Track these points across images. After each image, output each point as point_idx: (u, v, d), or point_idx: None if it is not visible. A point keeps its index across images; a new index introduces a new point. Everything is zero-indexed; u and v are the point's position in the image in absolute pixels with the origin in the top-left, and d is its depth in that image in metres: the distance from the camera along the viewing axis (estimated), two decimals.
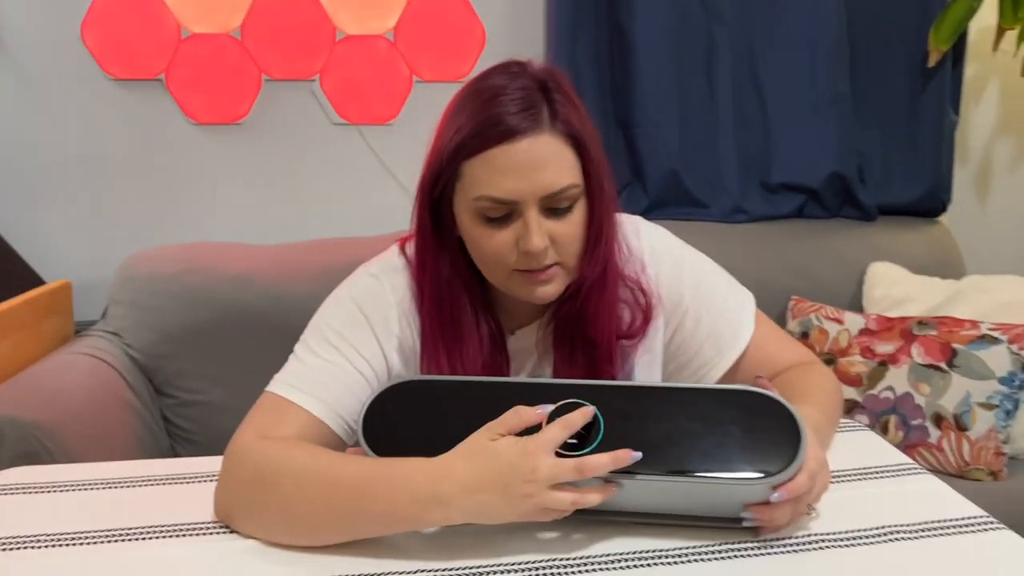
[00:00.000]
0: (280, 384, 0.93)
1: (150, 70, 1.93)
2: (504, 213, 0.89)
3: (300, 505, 0.80)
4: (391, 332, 0.98)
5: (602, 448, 0.77)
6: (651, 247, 1.03)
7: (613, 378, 0.99)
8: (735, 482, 0.76)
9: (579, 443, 0.78)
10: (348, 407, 0.93)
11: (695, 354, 1.04)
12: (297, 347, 0.97)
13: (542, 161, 0.87)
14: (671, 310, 1.03)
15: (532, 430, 0.77)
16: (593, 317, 0.97)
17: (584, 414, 0.78)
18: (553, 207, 0.90)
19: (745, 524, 0.80)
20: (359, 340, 0.96)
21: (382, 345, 0.97)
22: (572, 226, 0.91)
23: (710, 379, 1.03)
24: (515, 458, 0.75)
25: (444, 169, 0.91)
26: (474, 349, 0.97)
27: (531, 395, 0.81)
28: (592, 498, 0.75)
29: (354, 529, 0.80)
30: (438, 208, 0.94)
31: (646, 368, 1.04)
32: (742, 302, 1.06)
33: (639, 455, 0.75)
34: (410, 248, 1.00)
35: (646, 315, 1.01)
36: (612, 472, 0.75)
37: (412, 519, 0.78)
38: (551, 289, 0.93)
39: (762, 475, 0.76)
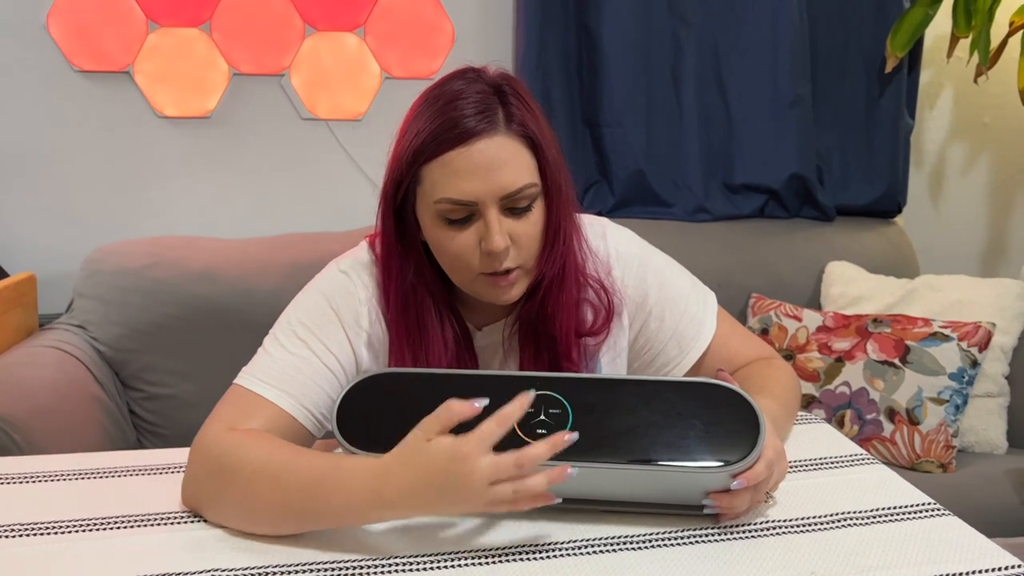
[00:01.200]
0: (247, 377, 0.94)
1: (117, 62, 1.92)
2: (465, 215, 0.91)
3: (256, 498, 0.82)
4: (361, 327, 0.99)
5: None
6: (616, 249, 1.06)
7: (576, 367, 1.01)
8: (696, 470, 0.79)
9: (547, 433, 0.80)
10: (315, 400, 0.94)
11: (659, 353, 1.07)
12: (266, 340, 0.98)
13: (499, 162, 0.90)
14: (635, 310, 1.06)
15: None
16: (553, 314, 0.99)
17: (521, 404, 0.76)
18: (512, 207, 0.92)
19: (707, 511, 0.83)
20: (328, 335, 0.97)
21: (351, 340, 0.98)
22: (531, 225, 0.94)
23: (693, 356, 1.07)
24: (449, 463, 0.74)
25: (404, 175, 0.93)
26: (439, 351, 0.99)
27: (500, 387, 0.83)
28: (536, 480, 0.74)
29: (307, 522, 0.81)
30: (401, 213, 0.96)
31: (610, 366, 1.07)
32: (705, 302, 1.09)
33: (575, 435, 0.76)
34: (378, 245, 1.01)
35: (608, 314, 1.03)
36: (580, 461, 0.78)
37: (361, 516, 0.79)
38: (515, 292, 0.96)
39: (722, 464, 0.79)
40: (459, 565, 0.78)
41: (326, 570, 0.77)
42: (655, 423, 0.82)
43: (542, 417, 0.83)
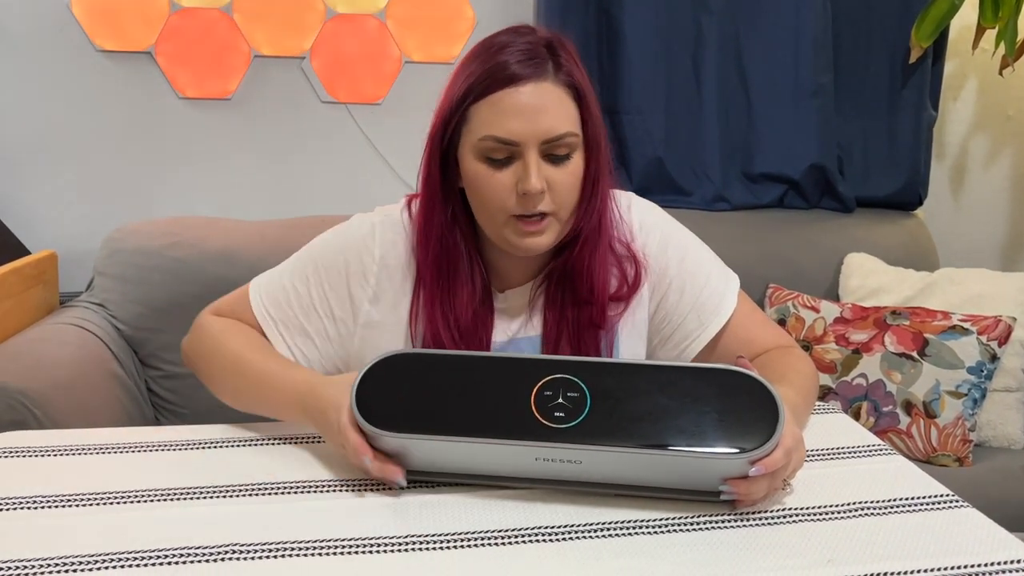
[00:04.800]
0: (256, 285, 1.09)
1: (139, 43, 1.93)
2: (506, 155, 0.94)
3: (222, 379, 1.02)
4: (367, 283, 1.04)
5: (588, 422, 0.80)
6: (640, 220, 1.08)
7: (598, 341, 1.03)
8: (713, 456, 0.79)
9: (565, 416, 0.80)
10: (291, 332, 1.06)
11: (678, 326, 1.08)
12: (291, 258, 1.10)
13: (543, 106, 0.93)
14: (656, 282, 1.08)
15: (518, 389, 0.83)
16: (587, 271, 1.01)
17: (390, 474, 0.84)
18: (552, 153, 0.95)
19: (723, 498, 0.83)
20: (331, 283, 1.05)
21: (352, 293, 1.04)
22: (569, 175, 0.96)
23: (692, 351, 1.07)
24: (334, 424, 0.87)
25: (453, 114, 0.96)
26: (467, 296, 1.02)
27: (518, 369, 0.85)
28: (370, 464, 0.83)
29: (253, 407, 0.99)
30: (446, 158, 0.99)
31: (629, 341, 1.07)
32: (727, 279, 1.10)
33: (403, 481, 0.85)
34: (415, 206, 1.04)
35: (635, 279, 1.05)
36: (602, 445, 0.79)
37: (285, 416, 0.96)
38: (543, 240, 0.98)
39: (739, 451, 0.79)
40: (475, 545, 0.78)
41: (349, 547, 0.78)
42: (673, 409, 0.82)
43: (560, 400, 0.83)
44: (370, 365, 0.88)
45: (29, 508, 0.84)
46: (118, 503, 0.85)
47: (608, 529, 0.81)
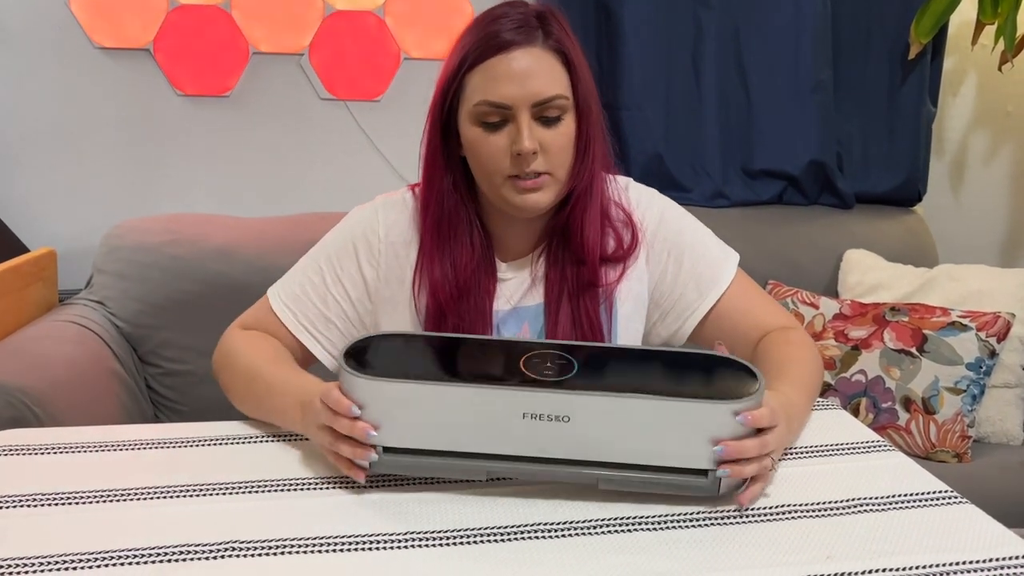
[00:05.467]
0: (273, 288, 1.13)
1: (138, 40, 1.92)
2: (499, 119, 0.99)
3: (237, 387, 1.04)
4: (376, 262, 1.10)
5: (576, 378, 0.82)
6: (637, 197, 1.14)
7: (598, 304, 1.08)
8: (700, 405, 0.80)
9: (553, 373, 0.82)
10: (312, 319, 1.10)
11: (679, 298, 1.12)
12: (301, 259, 1.14)
13: (533, 71, 0.98)
14: (654, 256, 1.12)
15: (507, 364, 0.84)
16: (580, 228, 1.06)
17: (358, 431, 0.82)
18: (543, 115, 1.00)
19: (719, 474, 0.81)
20: (343, 265, 1.10)
21: (363, 269, 1.10)
22: (560, 136, 1.01)
23: (691, 323, 1.12)
24: (308, 407, 0.89)
25: (451, 83, 1.01)
26: (467, 258, 1.07)
27: (506, 345, 0.89)
28: (344, 446, 0.83)
29: (263, 415, 1.00)
30: (446, 128, 1.04)
31: (627, 310, 1.11)
32: (726, 252, 1.15)
33: (373, 456, 0.81)
34: (423, 157, 1.09)
35: (632, 242, 1.10)
36: (588, 391, 0.80)
37: (293, 418, 0.94)
38: (541, 198, 1.02)
39: (726, 398, 0.80)
40: (474, 542, 0.78)
41: (348, 544, 0.78)
42: (657, 373, 0.85)
43: (548, 364, 0.84)
44: (358, 339, 0.89)
45: (28, 506, 0.84)
46: (117, 501, 0.85)
47: (607, 525, 0.81)
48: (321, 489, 0.88)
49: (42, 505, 0.84)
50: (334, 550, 0.77)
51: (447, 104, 1.03)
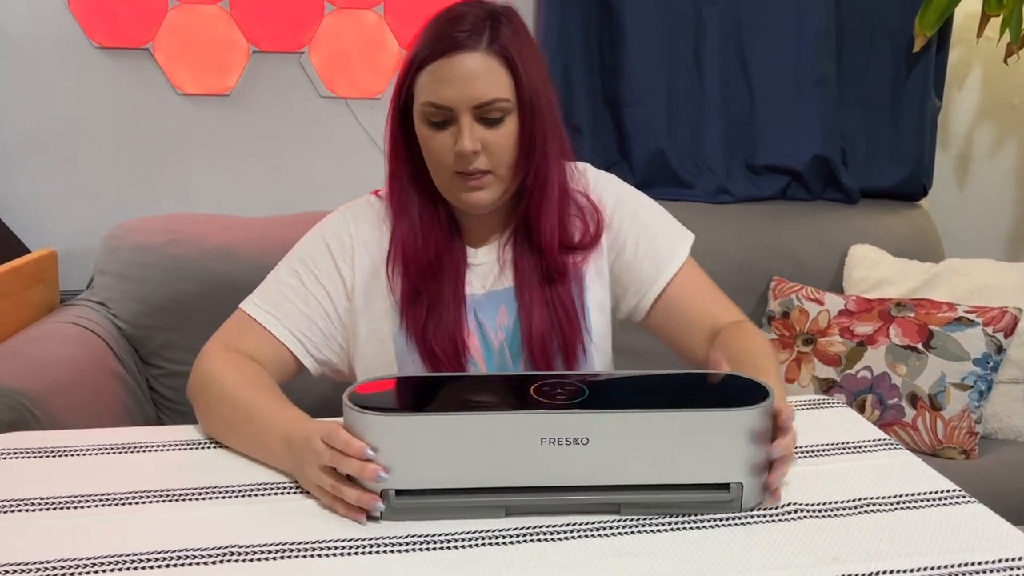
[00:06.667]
0: (246, 302, 1.13)
1: (137, 39, 1.92)
2: (443, 118, 1.03)
3: (212, 415, 1.01)
4: (349, 258, 1.13)
5: (590, 400, 0.82)
6: (595, 180, 1.18)
7: (568, 287, 1.11)
8: (723, 414, 0.80)
9: (567, 398, 0.81)
10: (297, 322, 1.11)
11: (637, 273, 1.16)
12: (274, 269, 1.16)
13: (475, 75, 1.01)
14: (612, 236, 1.16)
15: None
16: (537, 221, 1.09)
17: (369, 473, 0.79)
18: (485, 116, 1.03)
19: (774, 455, 0.82)
20: (318, 266, 1.13)
21: (339, 268, 1.13)
22: (503, 136, 1.04)
23: (650, 297, 1.15)
24: (304, 443, 0.86)
25: (404, 79, 1.06)
26: (438, 232, 1.11)
27: (511, 378, 0.91)
28: (348, 490, 0.81)
29: (240, 445, 0.97)
30: (406, 121, 1.08)
31: (599, 292, 1.16)
32: (682, 232, 1.19)
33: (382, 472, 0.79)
34: (386, 148, 1.13)
35: (598, 227, 1.14)
36: (606, 409, 0.79)
37: (276, 452, 0.91)
38: (484, 196, 1.06)
39: (756, 402, 0.80)
40: (478, 545, 0.78)
41: (350, 548, 0.77)
42: (668, 390, 0.87)
43: (559, 391, 0.83)
44: (360, 382, 0.88)
45: (28, 510, 0.84)
46: (119, 504, 0.85)
47: (612, 528, 0.80)
48: None
49: (42, 509, 0.84)
50: (334, 554, 0.76)
51: (402, 97, 1.07)
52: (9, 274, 1.62)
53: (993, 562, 0.74)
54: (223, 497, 0.87)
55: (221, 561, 0.75)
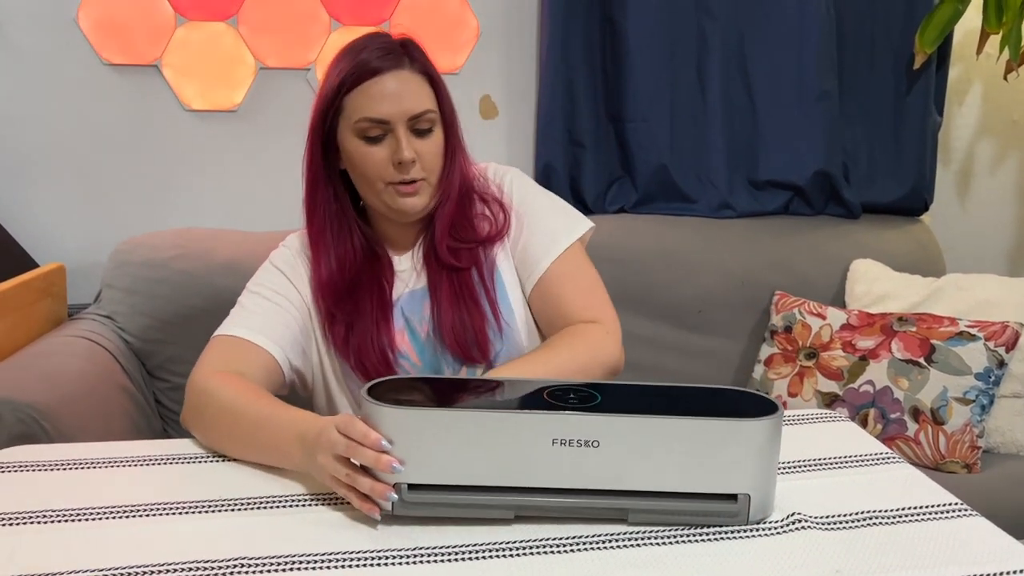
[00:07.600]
0: (220, 329, 1.17)
1: (146, 56, 1.94)
2: (379, 133, 1.13)
3: (216, 430, 1.03)
4: (299, 275, 1.23)
5: (602, 404, 0.83)
6: (495, 173, 1.28)
7: (471, 280, 1.20)
8: (732, 423, 0.81)
9: (579, 402, 0.83)
10: (271, 328, 1.16)
11: (531, 255, 1.23)
12: (233, 308, 1.21)
13: (406, 90, 1.13)
14: (514, 219, 1.25)
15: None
16: (446, 223, 1.20)
17: (383, 464, 0.81)
18: (417, 128, 1.14)
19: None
20: (272, 282, 1.22)
21: (293, 282, 1.22)
22: (433, 145, 1.16)
23: (532, 281, 1.22)
24: (318, 434, 0.88)
25: (330, 106, 1.14)
26: (351, 256, 1.20)
27: (523, 382, 0.90)
28: (363, 480, 0.82)
29: (251, 454, 0.99)
30: (326, 147, 1.17)
31: (507, 272, 1.24)
32: (572, 222, 1.26)
33: (393, 496, 0.81)
34: (305, 174, 1.22)
35: (504, 221, 1.24)
36: (618, 413, 0.80)
37: (289, 452, 0.93)
38: (418, 201, 1.16)
39: (754, 417, 0.81)
40: (482, 557, 0.78)
41: (356, 559, 0.78)
42: (678, 400, 0.86)
43: (571, 396, 0.84)
44: (374, 382, 0.89)
45: (39, 522, 0.84)
46: (127, 517, 0.86)
47: (618, 540, 0.81)
48: (330, 505, 0.89)
49: (52, 522, 0.85)
50: (343, 566, 0.77)
51: (327, 123, 1.15)
52: (18, 288, 1.63)
53: (995, 575, 0.75)
54: (231, 509, 0.88)
55: (230, 572, 0.76)
